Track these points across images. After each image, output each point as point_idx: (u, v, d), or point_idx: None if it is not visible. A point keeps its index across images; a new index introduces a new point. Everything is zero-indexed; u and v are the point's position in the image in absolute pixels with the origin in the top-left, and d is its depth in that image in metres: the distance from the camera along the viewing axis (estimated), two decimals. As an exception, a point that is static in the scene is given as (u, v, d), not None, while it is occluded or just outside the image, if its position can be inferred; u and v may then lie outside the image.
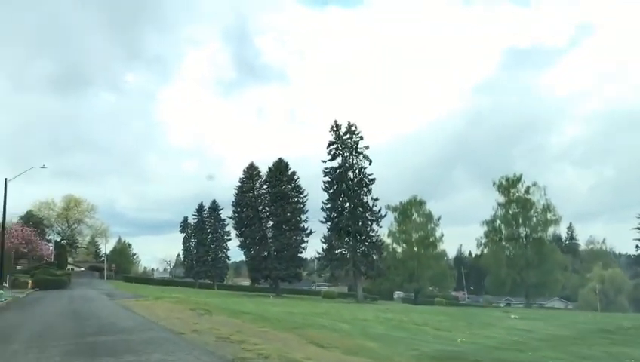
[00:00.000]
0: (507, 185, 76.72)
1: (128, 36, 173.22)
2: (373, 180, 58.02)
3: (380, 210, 58.50)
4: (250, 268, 67.82)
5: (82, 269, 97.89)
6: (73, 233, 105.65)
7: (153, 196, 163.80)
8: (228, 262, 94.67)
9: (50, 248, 77.30)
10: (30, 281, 50.65)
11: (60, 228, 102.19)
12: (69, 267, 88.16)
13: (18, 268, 68.37)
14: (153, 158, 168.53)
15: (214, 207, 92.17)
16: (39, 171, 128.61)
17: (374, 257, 56.98)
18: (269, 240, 65.17)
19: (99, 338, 13.06)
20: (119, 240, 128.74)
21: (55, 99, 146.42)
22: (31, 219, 76.96)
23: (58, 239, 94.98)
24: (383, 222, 61.15)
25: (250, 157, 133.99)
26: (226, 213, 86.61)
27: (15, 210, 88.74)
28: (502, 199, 76.93)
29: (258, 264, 64.11)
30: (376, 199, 57.89)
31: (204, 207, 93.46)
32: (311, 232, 65.07)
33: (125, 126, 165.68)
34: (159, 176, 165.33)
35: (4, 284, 47.27)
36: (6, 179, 29.72)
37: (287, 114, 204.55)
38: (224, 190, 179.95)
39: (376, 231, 58.52)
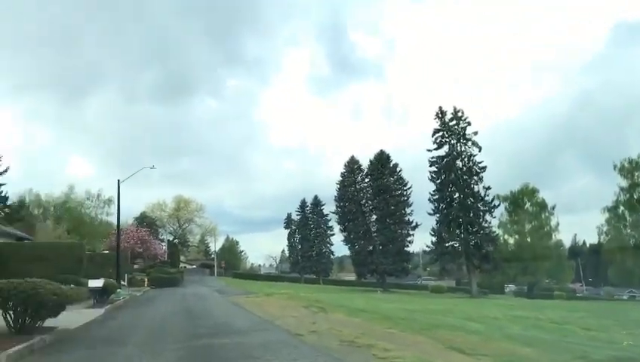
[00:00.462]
0: (630, 168, 69.55)
1: (227, 41, 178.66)
2: (484, 168, 54.53)
3: (492, 200, 54.94)
4: (355, 262, 66.60)
5: (194, 267, 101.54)
6: (184, 232, 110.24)
7: (257, 194, 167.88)
8: (332, 256, 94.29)
9: (164, 247, 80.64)
10: (146, 279, 52.43)
11: (171, 228, 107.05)
12: (182, 265, 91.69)
13: (135, 266, 71.83)
14: (256, 158, 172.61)
15: (316, 203, 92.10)
16: (151, 175, 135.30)
17: (488, 249, 53.46)
18: (374, 234, 63.57)
19: (213, 340, 12.00)
20: (227, 238, 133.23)
21: (162, 107, 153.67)
22: (145, 220, 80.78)
23: (170, 238, 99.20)
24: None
25: (348, 152, 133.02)
26: (328, 208, 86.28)
27: (130, 212, 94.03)
28: (625, 183, 69.93)
29: (364, 258, 62.73)
30: (489, 188, 54.42)
31: (306, 203, 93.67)
32: (416, 225, 62.78)
33: (228, 129, 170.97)
34: (262, 174, 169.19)
35: (123, 283, 49.33)
36: (119, 180, 30.58)
37: (383, 107, 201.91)
38: (325, 186, 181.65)
39: (489, 222, 55.04)
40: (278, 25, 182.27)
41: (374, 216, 64.51)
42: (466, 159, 55.11)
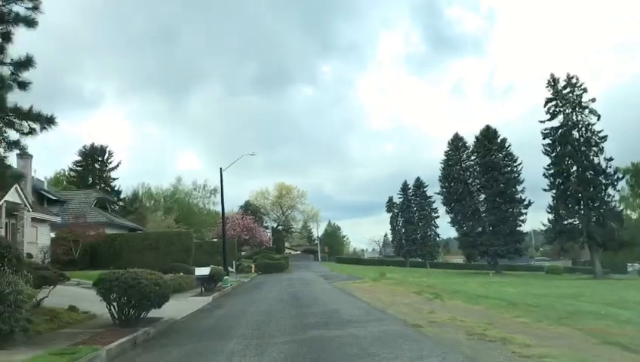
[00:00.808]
0: None
1: (321, 29, 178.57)
2: (604, 138, 49.58)
3: (615, 172, 49.91)
4: (463, 244, 63.70)
5: (298, 252, 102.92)
6: (287, 219, 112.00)
7: (357, 179, 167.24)
8: (437, 239, 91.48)
9: (268, 234, 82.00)
10: (253, 266, 53.18)
11: (275, 215, 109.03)
12: (286, 251, 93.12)
13: (243, 253, 73.58)
14: (355, 142, 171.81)
15: (419, 185, 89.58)
16: (253, 165, 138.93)
17: (613, 226, 48.66)
18: (483, 215, 60.37)
19: (323, 332, 10.90)
20: (329, 223, 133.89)
21: (261, 98, 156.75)
22: (249, 208, 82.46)
23: (274, 225, 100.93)
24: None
25: (449, 131, 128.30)
26: (431, 190, 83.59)
27: (236, 202, 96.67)
28: None
29: (473, 240, 59.77)
30: (610, 159, 49.40)
31: (408, 185, 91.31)
32: (529, 204, 58.81)
33: (326, 115, 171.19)
34: (362, 158, 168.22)
35: (231, 270, 50.35)
36: (221, 169, 30.60)
37: (485, 82, 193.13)
38: (426, 167, 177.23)
39: (612, 197, 50.12)
40: (372, 8, 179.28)
41: (482, 196, 61.21)
42: (583, 129, 50.43)
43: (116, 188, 61.03)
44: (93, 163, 60.33)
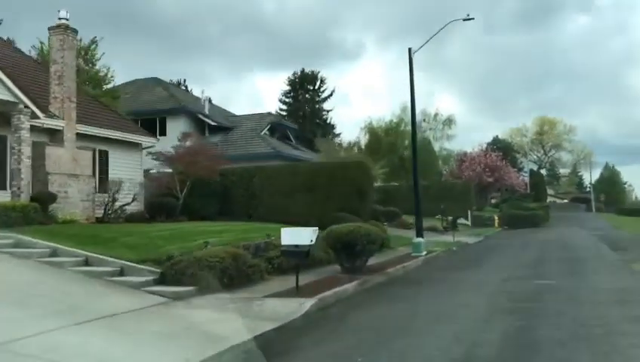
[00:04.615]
0: None
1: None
2: None
3: None
4: None
5: (565, 201, 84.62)
6: (551, 161, 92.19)
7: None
8: None
9: (525, 178, 65.26)
10: (496, 218, 38.98)
11: (535, 156, 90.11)
12: (549, 199, 75.28)
13: (493, 201, 59.10)
14: (636, 78, 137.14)
15: None
16: (511, 106, 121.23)
17: None
18: None
19: None
20: (606, 165, 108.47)
21: (523, 34, 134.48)
22: (497, 145, 66.68)
23: (534, 168, 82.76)
24: None
25: None
26: None
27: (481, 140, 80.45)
28: None
29: None
30: None
31: None
32: None
33: (602, 47, 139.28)
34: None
35: (464, 222, 36.92)
36: (410, 49, 17.46)
37: None
38: None
39: None
40: None
41: None
42: None
43: (329, 122, 51.80)
44: (305, 93, 51.85)
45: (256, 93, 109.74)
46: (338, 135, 51.88)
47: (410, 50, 17.88)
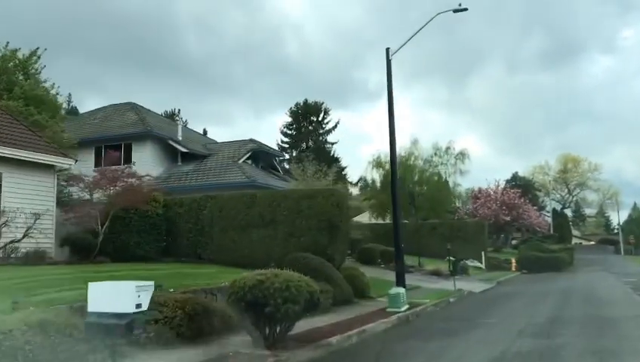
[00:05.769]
0: None
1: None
2: None
3: None
4: None
5: (591, 243, 79.11)
6: (575, 200, 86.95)
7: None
8: None
9: (547, 218, 60.50)
10: (513, 261, 34.64)
11: (558, 195, 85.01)
12: (575, 241, 70.19)
13: (514, 242, 54.49)
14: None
15: None
16: (533, 147, 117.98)
17: None
18: None
19: None
20: (634, 206, 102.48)
21: (546, 74, 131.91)
22: (516, 182, 62.36)
23: (557, 208, 77.79)
24: None
25: None
26: None
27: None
28: None
29: None
30: None
31: None
32: None
33: (628, 87, 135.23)
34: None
35: (477, 265, 32.61)
36: (387, 49, 13.93)
37: None
38: None
39: None
40: None
41: None
42: None
43: (332, 155, 48.18)
44: (308, 124, 48.57)
45: (275, 132, 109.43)
46: (343, 169, 48.29)
47: (387, 50, 14.50)
